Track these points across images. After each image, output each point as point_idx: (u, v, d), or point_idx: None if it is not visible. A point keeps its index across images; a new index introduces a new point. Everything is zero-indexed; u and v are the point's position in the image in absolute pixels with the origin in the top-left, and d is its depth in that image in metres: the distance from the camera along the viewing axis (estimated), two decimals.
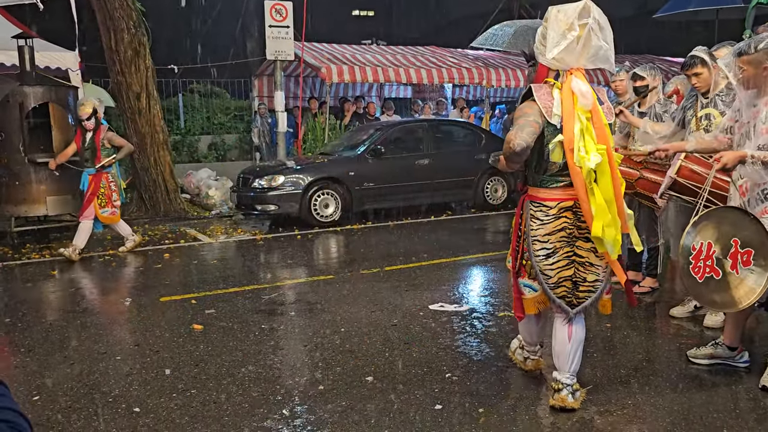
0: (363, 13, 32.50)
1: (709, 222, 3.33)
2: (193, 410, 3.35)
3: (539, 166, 3.18)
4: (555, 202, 3.15)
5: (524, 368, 3.74)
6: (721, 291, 3.30)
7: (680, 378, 3.63)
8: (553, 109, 3.10)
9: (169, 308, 5.29)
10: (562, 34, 2.99)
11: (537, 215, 3.18)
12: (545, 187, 3.18)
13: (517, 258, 3.34)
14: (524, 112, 3.09)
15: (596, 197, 3.03)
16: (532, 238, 3.19)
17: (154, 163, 10.23)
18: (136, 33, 9.89)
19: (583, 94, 3.06)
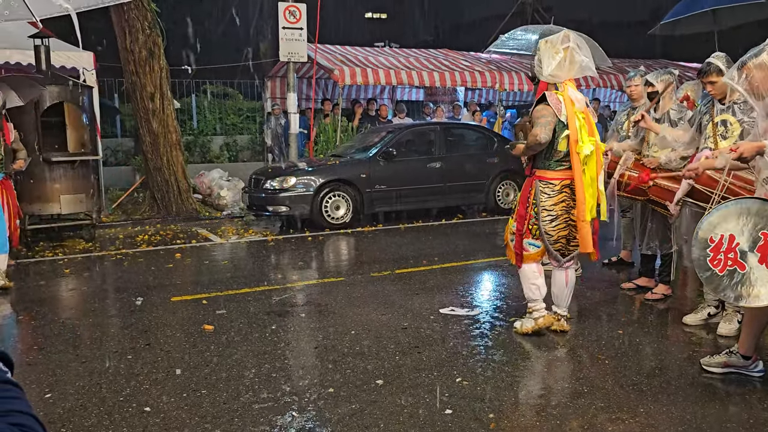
0: (376, 15, 32.55)
1: (729, 213, 3.25)
2: (203, 410, 3.36)
3: (548, 153, 4.23)
4: (558, 180, 4.25)
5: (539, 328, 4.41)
6: (747, 284, 3.21)
7: (693, 386, 3.60)
8: (561, 109, 4.16)
9: (180, 308, 5.31)
10: (552, 57, 4.13)
11: (545, 191, 4.27)
12: (552, 170, 4.25)
13: (524, 223, 4.34)
14: (542, 113, 4.15)
15: (586, 175, 4.17)
16: (541, 207, 4.26)
17: (166, 163, 10.28)
18: (150, 34, 9.96)
19: (576, 99, 4.20)
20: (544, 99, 4.18)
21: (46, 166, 7.94)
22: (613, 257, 6.55)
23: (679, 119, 5.01)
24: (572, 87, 4.23)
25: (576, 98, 4.20)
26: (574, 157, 4.12)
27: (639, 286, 5.56)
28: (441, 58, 14.56)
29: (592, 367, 3.91)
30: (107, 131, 13.57)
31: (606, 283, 5.93)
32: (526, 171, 4.46)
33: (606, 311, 5.11)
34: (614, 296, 5.51)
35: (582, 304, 5.30)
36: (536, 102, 4.27)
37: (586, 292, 5.63)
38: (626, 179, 4.99)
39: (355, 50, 13.96)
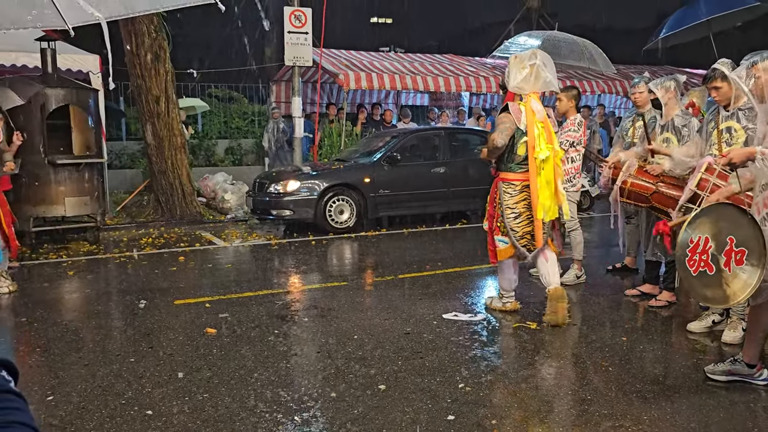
0: (381, 20, 32.62)
1: (708, 217, 3.33)
2: (205, 414, 3.35)
3: (509, 157, 4.77)
4: (519, 181, 4.75)
5: (505, 310, 5.05)
6: (713, 286, 3.32)
7: (697, 394, 3.58)
8: (521, 118, 4.68)
9: (183, 311, 5.31)
10: (519, 71, 4.65)
11: (508, 190, 4.79)
12: (513, 172, 4.78)
13: (493, 222, 4.90)
14: (503, 120, 4.70)
15: (542, 177, 4.65)
16: (505, 206, 4.78)
17: (171, 167, 10.30)
18: (156, 37, 9.99)
19: (537, 110, 4.69)
20: (507, 108, 4.72)
21: (51, 169, 7.97)
22: (618, 263, 6.53)
23: (683, 126, 4.99)
24: (535, 99, 4.75)
25: (537, 109, 4.70)
26: (532, 161, 4.66)
27: (643, 292, 5.54)
28: (446, 63, 14.57)
29: (596, 374, 3.89)
30: (112, 134, 13.62)
31: (610, 289, 5.91)
32: (492, 173, 4.99)
33: (610, 318, 5.09)
34: (618, 303, 5.49)
35: (586, 311, 5.28)
36: (501, 110, 4.84)
37: (590, 298, 5.61)
38: (629, 186, 4.98)
39: (361, 55, 13.99)
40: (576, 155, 5.95)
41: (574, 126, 5.92)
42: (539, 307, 5.37)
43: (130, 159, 13.42)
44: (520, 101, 4.74)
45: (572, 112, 5.99)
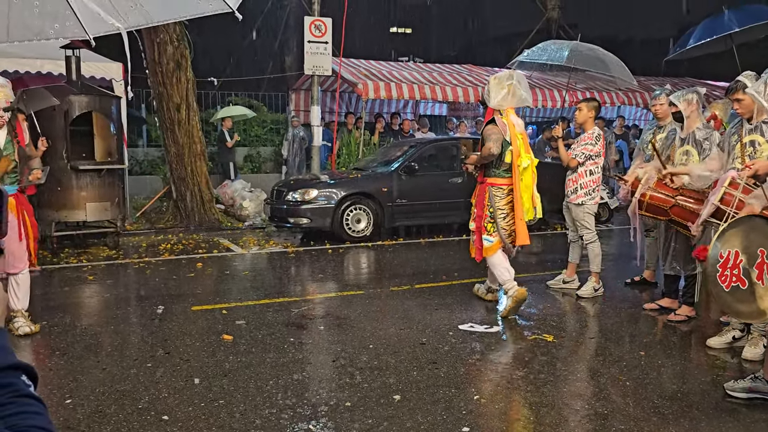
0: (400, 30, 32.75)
1: (738, 230, 3.28)
2: (220, 421, 3.37)
3: (497, 164, 5.32)
4: (506, 186, 5.33)
5: (518, 300, 5.30)
6: (747, 301, 3.26)
7: (717, 411, 3.52)
8: (506, 130, 5.27)
9: (200, 317, 5.35)
10: (499, 91, 5.28)
11: (497, 194, 5.34)
12: (501, 177, 5.34)
13: (481, 222, 5.39)
14: (493, 131, 5.28)
15: (523, 182, 5.27)
16: (496, 208, 5.31)
17: (191, 174, 10.40)
18: (178, 46, 10.12)
19: (516, 123, 5.36)
20: (493, 121, 5.32)
21: (73, 174, 8.08)
22: (636, 277, 6.47)
23: (704, 139, 4.94)
24: (512, 113, 5.39)
25: (516, 123, 5.37)
26: (515, 167, 5.25)
27: (662, 307, 5.48)
28: (465, 73, 14.58)
29: (613, 388, 3.85)
30: (133, 141, 13.78)
31: (628, 303, 5.85)
32: (478, 179, 5.54)
33: (628, 332, 5.03)
34: (636, 317, 5.43)
35: (604, 324, 5.23)
36: (486, 123, 5.43)
37: (608, 311, 5.56)
38: (648, 199, 4.94)
39: (379, 64, 14.05)
40: (594, 168, 5.92)
41: (592, 139, 5.88)
42: (556, 320, 5.34)
43: (150, 165, 13.56)
44: (500, 115, 5.32)
45: (590, 123, 5.96)
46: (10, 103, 4.66)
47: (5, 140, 4.74)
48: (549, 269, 7.05)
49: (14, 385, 0.99)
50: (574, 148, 5.98)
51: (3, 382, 0.98)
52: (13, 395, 0.97)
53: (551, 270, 6.93)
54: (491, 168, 5.35)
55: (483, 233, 5.39)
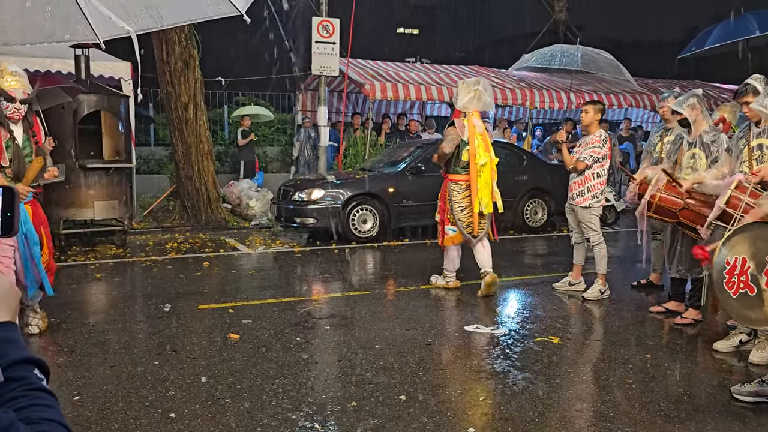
0: (408, 31, 32.76)
1: (745, 236, 3.27)
2: (226, 419, 3.38)
3: (456, 162, 5.89)
4: (464, 181, 5.89)
5: (447, 287, 6.12)
6: (755, 307, 3.25)
7: (723, 415, 3.52)
8: (465, 131, 5.82)
9: (206, 316, 5.37)
10: (466, 95, 5.79)
11: (455, 189, 5.92)
12: (459, 174, 5.91)
13: (444, 214, 6.00)
14: (450, 133, 5.87)
15: (482, 179, 5.81)
16: (454, 201, 5.91)
17: (197, 173, 10.44)
18: (186, 45, 10.16)
19: (477, 125, 5.87)
20: (453, 123, 5.91)
21: (81, 173, 8.13)
22: (643, 279, 6.46)
23: (712, 142, 4.92)
24: (476, 116, 5.93)
25: (477, 124, 5.89)
26: (473, 165, 5.80)
27: (668, 310, 5.47)
28: (472, 74, 14.56)
29: (619, 390, 3.85)
30: (141, 139, 13.84)
31: (635, 305, 5.84)
32: (443, 174, 6.09)
33: (634, 335, 5.03)
34: (643, 320, 5.42)
35: (610, 327, 5.23)
36: (448, 124, 6.00)
37: (614, 314, 5.55)
38: (657, 201, 4.93)
39: (387, 65, 14.06)
40: (601, 170, 5.92)
41: (599, 142, 5.89)
42: (562, 322, 5.34)
43: (157, 164, 13.62)
44: (464, 117, 5.88)
45: (595, 126, 5.97)
46: (27, 95, 4.26)
47: (23, 138, 4.33)
48: (555, 271, 7.05)
49: (27, 378, 1.00)
50: (580, 151, 5.98)
51: (15, 375, 0.99)
52: (25, 388, 0.99)
53: (557, 272, 6.92)
54: (451, 165, 5.95)
55: (447, 224, 6.03)
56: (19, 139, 4.27)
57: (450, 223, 5.98)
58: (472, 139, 5.81)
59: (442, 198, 6.09)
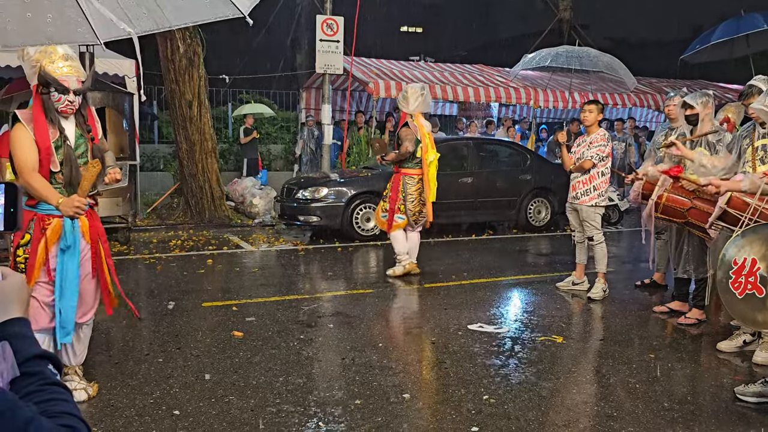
0: (411, 29, 32.74)
1: (756, 237, 3.25)
2: (230, 416, 3.40)
3: (411, 158, 6.57)
4: (417, 175, 6.60)
5: (407, 272, 6.67)
6: (763, 309, 3.22)
7: (726, 415, 3.52)
8: (417, 132, 6.53)
9: (210, 314, 5.38)
10: (416, 99, 6.52)
11: (409, 182, 6.60)
12: (413, 169, 6.61)
13: (395, 204, 6.62)
14: (408, 133, 6.55)
15: (430, 172, 6.52)
16: (407, 193, 6.59)
17: (201, 170, 10.46)
18: (191, 43, 10.17)
19: (425, 125, 6.61)
20: (407, 124, 6.58)
21: None
22: (646, 279, 6.45)
23: (717, 141, 4.92)
24: (421, 117, 6.63)
25: (424, 124, 6.64)
26: (424, 161, 6.52)
27: (672, 309, 5.46)
28: (476, 73, 14.57)
29: (623, 390, 3.85)
30: (144, 137, 13.87)
31: (638, 305, 5.84)
32: (395, 169, 6.75)
33: (637, 334, 5.03)
34: (646, 319, 5.42)
35: (613, 326, 5.23)
36: (401, 126, 6.70)
37: (617, 313, 5.55)
38: (664, 201, 4.92)
39: (390, 63, 14.06)
40: (605, 169, 5.92)
41: (604, 141, 5.90)
42: (565, 321, 5.34)
43: (161, 162, 13.65)
44: (411, 119, 6.56)
45: (596, 126, 5.99)
46: (82, 83, 3.37)
47: (75, 134, 3.44)
48: (558, 270, 7.05)
49: (42, 373, 1.02)
50: (580, 151, 5.98)
51: (31, 371, 1.01)
52: (42, 383, 1.00)
53: (560, 271, 6.92)
54: (405, 161, 6.63)
55: (397, 213, 6.65)
56: (70, 137, 3.39)
57: (400, 212, 6.63)
58: (423, 137, 6.50)
59: (394, 189, 6.70)
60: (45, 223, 3.34)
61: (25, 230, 3.30)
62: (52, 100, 3.27)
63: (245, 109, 13.62)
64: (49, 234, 3.33)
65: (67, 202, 3.28)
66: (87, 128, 3.49)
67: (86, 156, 3.45)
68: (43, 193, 3.28)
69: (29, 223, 3.32)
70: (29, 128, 3.26)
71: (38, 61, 3.10)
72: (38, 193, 3.28)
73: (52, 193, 3.30)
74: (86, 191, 3.33)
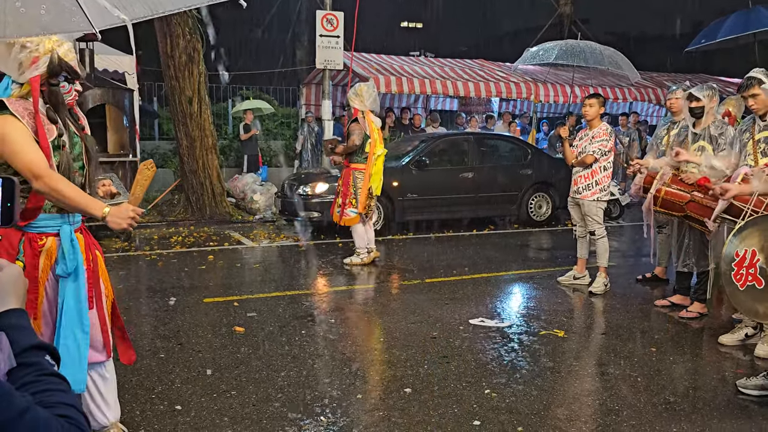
0: (411, 24, 32.68)
1: (756, 229, 3.26)
2: (232, 411, 3.40)
3: (360, 153, 6.86)
4: (365, 169, 6.87)
5: (365, 263, 7.01)
6: (763, 300, 3.23)
7: (728, 408, 3.52)
8: (366, 127, 6.82)
9: (212, 309, 5.38)
10: (370, 96, 6.84)
11: (358, 176, 6.89)
12: (362, 163, 6.89)
13: (347, 198, 6.90)
14: (357, 128, 6.83)
15: (376, 166, 6.88)
16: (357, 187, 6.86)
17: (202, 167, 10.44)
18: (191, 39, 10.15)
19: (375, 121, 6.92)
20: (356, 120, 6.87)
21: None
22: (648, 273, 6.45)
23: (719, 135, 4.91)
24: (372, 114, 6.93)
25: (375, 120, 6.94)
26: (371, 156, 6.83)
27: (673, 303, 5.46)
28: (476, 68, 14.54)
29: (624, 384, 3.85)
30: (145, 133, 13.86)
31: (640, 299, 5.83)
32: (345, 163, 7.04)
33: (639, 328, 5.02)
34: (648, 313, 5.42)
35: (615, 320, 5.22)
36: (351, 121, 6.98)
37: (619, 307, 5.55)
38: (663, 194, 4.92)
39: (391, 59, 14.03)
40: (607, 163, 5.91)
41: (607, 135, 5.89)
42: (567, 315, 5.34)
43: (162, 158, 13.63)
44: (362, 116, 6.83)
45: (598, 120, 5.98)
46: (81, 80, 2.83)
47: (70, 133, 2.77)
48: (559, 265, 7.04)
49: (39, 364, 1.02)
50: (582, 145, 5.97)
51: (28, 361, 1.01)
52: (39, 374, 1.00)
53: (561, 266, 6.91)
54: (354, 156, 6.91)
55: (349, 207, 6.90)
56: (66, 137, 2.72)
57: (352, 206, 6.89)
58: (372, 133, 6.84)
59: (345, 184, 6.97)
60: (38, 243, 2.60)
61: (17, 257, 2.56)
62: (60, 92, 2.67)
63: (243, 105, 13.60)
64: (44, 258, 2.61)
65: (117, 213, 2.58)
66: (80, 126, 2.85)
67: (81, 159, 2.78)
68: (81, 201, 2.53)
69: (18, 246, 2.56)
70: (25, 122, 2.53)
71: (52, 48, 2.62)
72: (71, 200, 2.51)
73: (92, 200, 2.60)
74: (140, 199, 2.76)
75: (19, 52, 2.55)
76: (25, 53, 2.56)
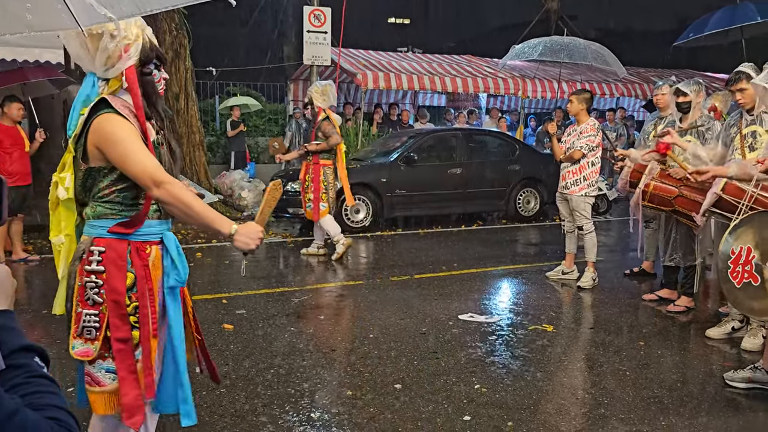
0: (399, 20, 32.63)
1: (750, 226, 3.28)
2: (222, 409, 3.38)
3: (330, 150, 7.08)
4: (332, 165, 7.18)
5: (345, 248, 7.17)
6: (759, 298, 3.25)
7: (716, 401, 3.55)
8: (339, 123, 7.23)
9: (200, 307, 5.34)
10: (331, 94, 7.14)
11: (328, 171, 7.13)
12: (330, 160, 7.14)
13: (319, 193, 7.08)
14: (331, 125, 6.99)
15: (343, 160, 7.31)
16: (328, 182, 7.09)
17: (189, 164, 10.40)
18: (177, 35, 10.09)
19: (337, 118, 7.26)
20: (327, 118, 7.05)
21: None
22: (635, 268, 6.49)
23: (706, 130, 4.95)
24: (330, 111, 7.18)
25: (336, 117, 7.25)
26: (340, 151, 7.15)
27: (661, 297, 5.50)
28: (464, 64, 14.55)
29: (613, 378, 3.87)
30: None
31: (627, 293, 5.87)
32: (314, 160, 7.12)
33: (627, 322, 5.06)
34: (635, 307, 5.45)
35: (603, 315, 5.25)
36: (323, 119, 7.05)
37: (607, 302, 5.58)
38: (651, 189, 4.94)
39: (379, 55, 14.00)
40: (595, 159, 5.94)
41: (594, 131, 5.91)
42: (555, 310, 5.36)
43: None
44: (324, 113, 7.06)
45: (584, 115, 5.99)
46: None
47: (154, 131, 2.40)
48: (548, 260, 7.07)
49: (28, 365, 1.01)
50: (571, 141, 6.00)
51: (17, 363, 1.00)
52: (27, 375, 0.99)
53: (550, 261, 6.94)
54: (325, 153, 7.08)
55: (322, 201, 7.09)
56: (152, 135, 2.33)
57: (323, 201, 7.10)
58: (337, 130, 7.18)
59: (315, 180, 7.11)
60: (145, 253, 2.30)
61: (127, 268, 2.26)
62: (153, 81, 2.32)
63: (230, 102, 13.53)
64: (153, 269, 2.34)
65: (247, 232, 2.26)
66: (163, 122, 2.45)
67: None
68: (208, 214, 2.23)
69: (125, 257, 2.25)
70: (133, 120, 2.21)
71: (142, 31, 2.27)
72: (197, 213, 2.21)
73: (219, 214, 2.28)
74: (266, 219, 2.49)
75: (109, 42, 2.19)
76: (114, 42, 2.20)
